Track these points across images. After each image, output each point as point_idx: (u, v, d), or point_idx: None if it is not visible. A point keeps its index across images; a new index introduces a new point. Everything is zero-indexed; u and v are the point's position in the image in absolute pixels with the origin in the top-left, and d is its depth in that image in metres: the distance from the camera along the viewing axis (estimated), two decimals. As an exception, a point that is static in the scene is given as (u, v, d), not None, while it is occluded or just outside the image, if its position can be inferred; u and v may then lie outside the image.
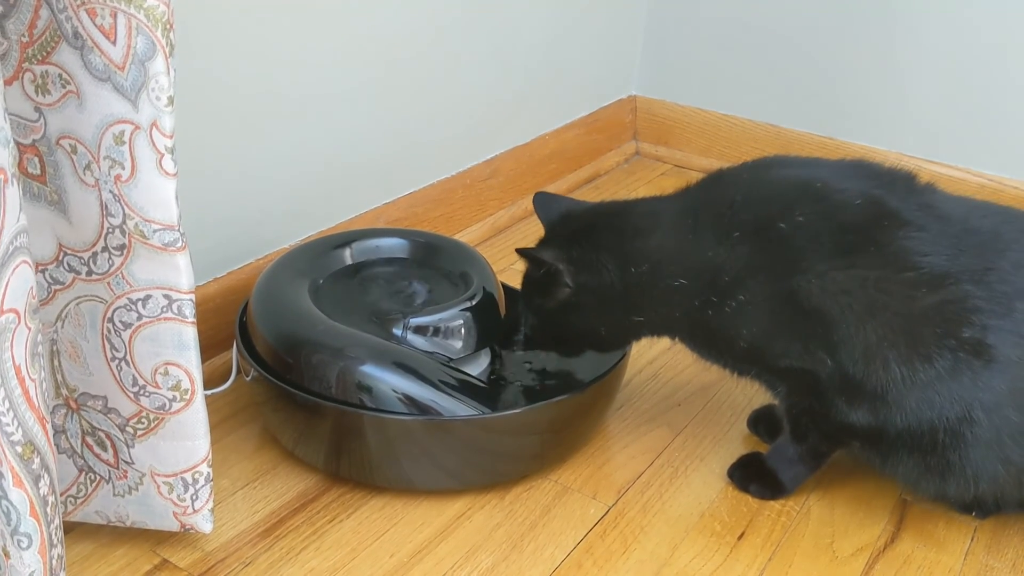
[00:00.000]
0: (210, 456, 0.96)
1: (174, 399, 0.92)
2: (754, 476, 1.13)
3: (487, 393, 1.08)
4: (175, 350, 0.90)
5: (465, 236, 1.65)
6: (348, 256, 1.22)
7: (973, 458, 0.98)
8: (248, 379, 1.12)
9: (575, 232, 1.10)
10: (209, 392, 1.18)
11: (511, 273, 1.55)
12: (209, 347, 1.25)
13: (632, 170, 2.01)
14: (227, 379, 1.22)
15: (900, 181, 1.03)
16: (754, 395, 1.21)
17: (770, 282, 0.99)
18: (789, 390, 1.06)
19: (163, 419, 0.93)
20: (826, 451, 1.10)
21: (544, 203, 1.16)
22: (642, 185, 1.94)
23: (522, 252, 1.08)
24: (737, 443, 1.21)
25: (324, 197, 1.40)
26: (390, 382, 1.04)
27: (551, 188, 1.84)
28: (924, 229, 0.98)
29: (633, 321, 1.07)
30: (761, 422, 1.21)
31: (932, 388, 0.96)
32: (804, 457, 1.10)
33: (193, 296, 0.89)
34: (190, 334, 0.90)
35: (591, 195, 1.88)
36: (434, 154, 1.59)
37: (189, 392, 0.92)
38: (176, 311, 0.88)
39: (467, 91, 1.61)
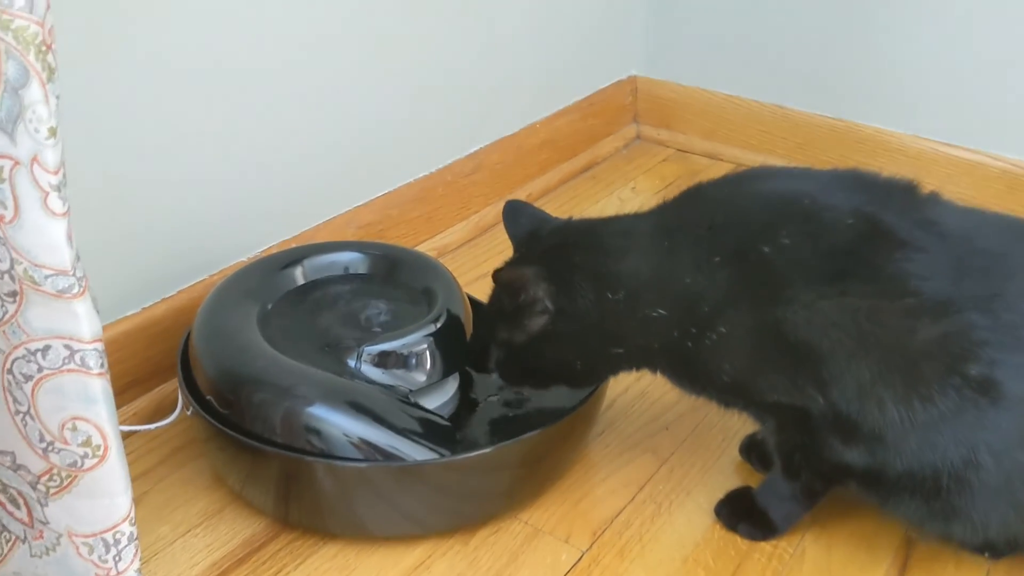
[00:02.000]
0: (132, 514, 0.87)
1: (86, 456, 0.83)
2: (743, 514, 1.03)
3: (450, 433, 0.99)
4: (82, 404, 0.81)
5: (448, 237, 1.55)
6: (300, 275, 1.13)
7: (980, 505, 0.88)
8: (189, 414, 1.03)
9: (548, 250, 1.00)
10: (155, 425, 1.09)
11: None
12: (157, 374, 1.17)
13: (632, 156, 1.89)
14: (175, 410, 1.13)
15: (898, 194, 0.92)
16: (748, 418, 1.11)
17: (753, 312, 0.89)
18: (779, 426, 0.96)
19: (76, 477, 0.84)
20: (821, 490, 0.99)
21: (514, 215, 1.06)
22: (642, 173, 1.83)
23: (496, 274, 0.98)
24: (728, 472, 1.11)
25: (287, 202, 1.31)
26: (341, 425, 0.95)
27: (543, 180, 1.73)
28: (923, 250, 0.87)
29: (611, 353, 0.97)
30: (754, 450, 1.11)
31: (934, 430, 0.86)
32: (797, 495, 1.00)
33: (99, 345, 0.80)
34: (97, 386, 0.81)
35: (588, 185, 1.77)
36: (411, 149, 1.48)
37: (102, 448, 0.83)
38: (79, 362, 0.79)
39: (447, 76, 1.50)
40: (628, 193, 1.74)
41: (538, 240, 1.02)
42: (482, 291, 1.44)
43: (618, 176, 1.81)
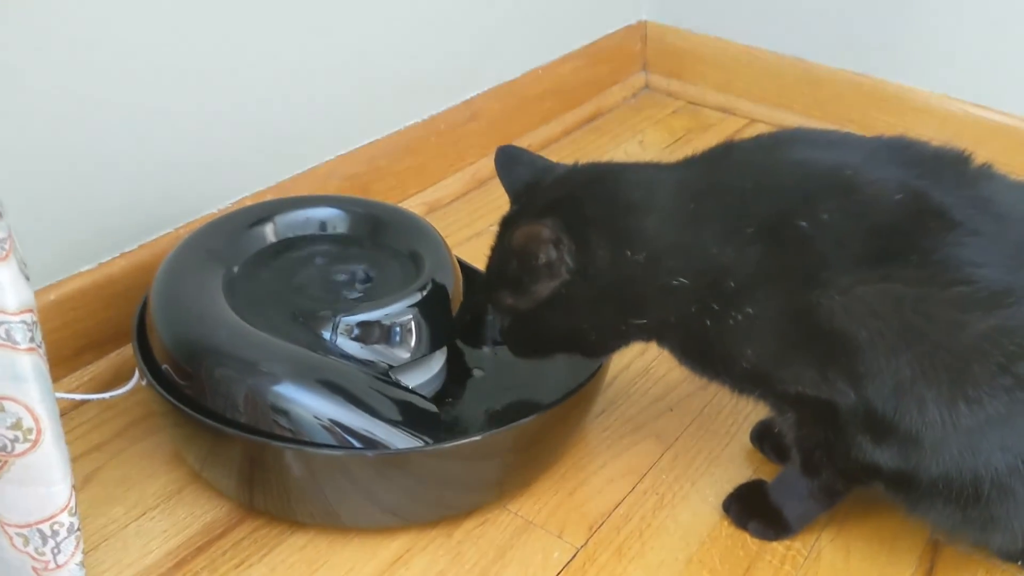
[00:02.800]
0: (73, 503, 0.78)
1: (16, 439, 0.73)
2: (754, 511, 0.94)
3: (435, 418, 0.89)
4: (9, 382, 0.71)
5: (440, 191, 1.44)
6: (270, 233, 1.01)
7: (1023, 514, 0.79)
8: (144, 385, 0.92)
9: (555, 201, 0.87)
10: (109, 395, 0.99)
11: (490, 236, 1.35)
12: (115, 337, 1.07)
13: (639, 107, 1.77)
14: (133, 377, 1.02)
15: (949, 167, 0.81)
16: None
17: (784, 294, 0.78)
18: (800, 419, 0.86)
19: (6, 462, 0.74)
20: (842, 489, 0.90)
21: (508, 162, 0.94)
22: (650, 125, 1.71)
23: (512, 235, 0.85)
24: (738, 461, 1.02)
25: (263, 148, 1.19)
26: (311, 406, 0.84)
27: (544, 131, 1.61)
28: (977, 232, 0.76)
29: (629, 323, 0.86)
30: (767, 438, 1.02)
31: (979, 434, 0.76)
32: (815, 493, 0.91)
33: (28, 316, 0.69)
34: (26, 363, 0.70)
35: (592, 137, 1.66)
36: (401, 94, 1.37)
37: (34, 432, 0.73)
38: (4, 336, 0.69)
39: (442, 15, 1.38)
40: (635, 147, 1.63)
41: (542, 189, 0.90)
42: (477, 251, 1.34)
43: (625, 128, 1.69)
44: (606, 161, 0.92)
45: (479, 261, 1.27)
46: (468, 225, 1.39)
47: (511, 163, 0.95)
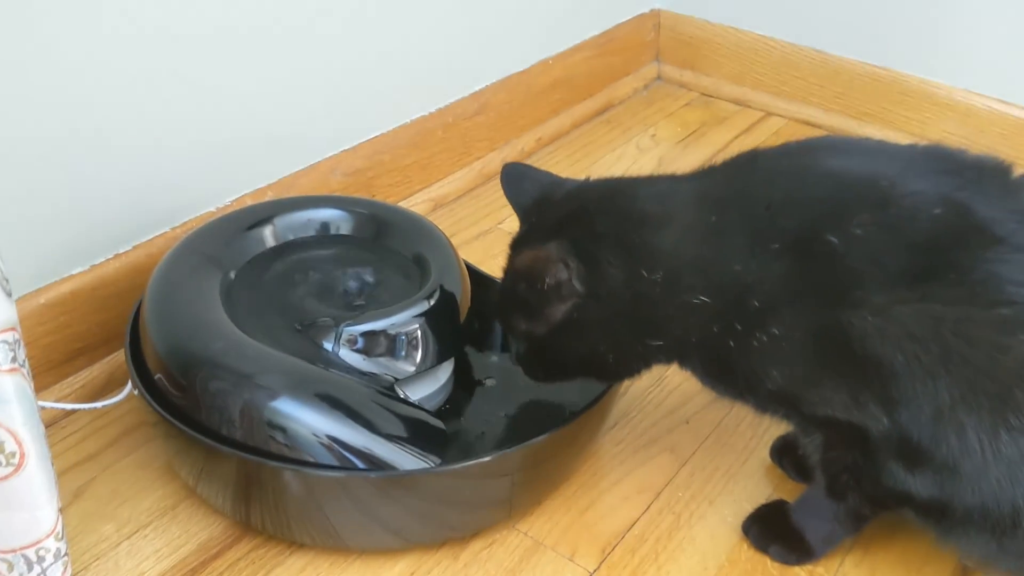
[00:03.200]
0: (59, 527, 0.74)
1: (-1, 463, 0.69)
2: (776, 534, 0.90)
3: (441, 436, 0.85)
4: (-9, 405, 0.67)
5: (446, 186, 1.39)
6: (270, 236, 0.97)
7: (1066, 546, 0.74)
8: (137, 395, 0.88)
9: (565, 218, 0.83)
10: (101, 404, 0.95)
11: (499, 235, 1.30)
12: (108, 341, 1.03)
13: (652, 99, 1.72)
14: (127, 385, 0.98)
15: (990, 178, 0.76)
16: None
17: (813, 314, 0.74)
18: (827, 442, 0.82)
19: (-12, 486, 0.70)
20: (869, 514, 0.86)
21: (515, 180, 0.90)
22: (663, 118, 1.66)
23: (512, 264, 0.83)
24: (756, 478, 0.97)
25: (263, 144, 1.15)
26: (311, 423, 0.80)
27: (554, 123, 1.56)
28: (1022, 249, 0.71)
29: (647, 345, 0.82)
30: (788, 454, 0.97)
31: (1020, 463, 0.72)
32: (840, 517, 0.86)
33: (10, 335, 0.65)
34: (8, 384, 0.66)
35: (603, 130, 1.60)
36: (406, 86, 1.32)
37: (17, 456, 0.69)
38: (-15, 356, 0.65)
39: (448, 3, 1.33)
40: (647, 141, 1.58)
41: (550, 206, 0.86)
42: (484, 250, 1.30)
43: (636, 121, 1.64)
44: (619, 176, 0.88)
45: (487, 261, 1.24)
46: (475, 223, 1.34)
47: (518, 180, 0.90)
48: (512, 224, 0.90)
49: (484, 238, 1.31)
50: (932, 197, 0.73)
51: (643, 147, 1.56)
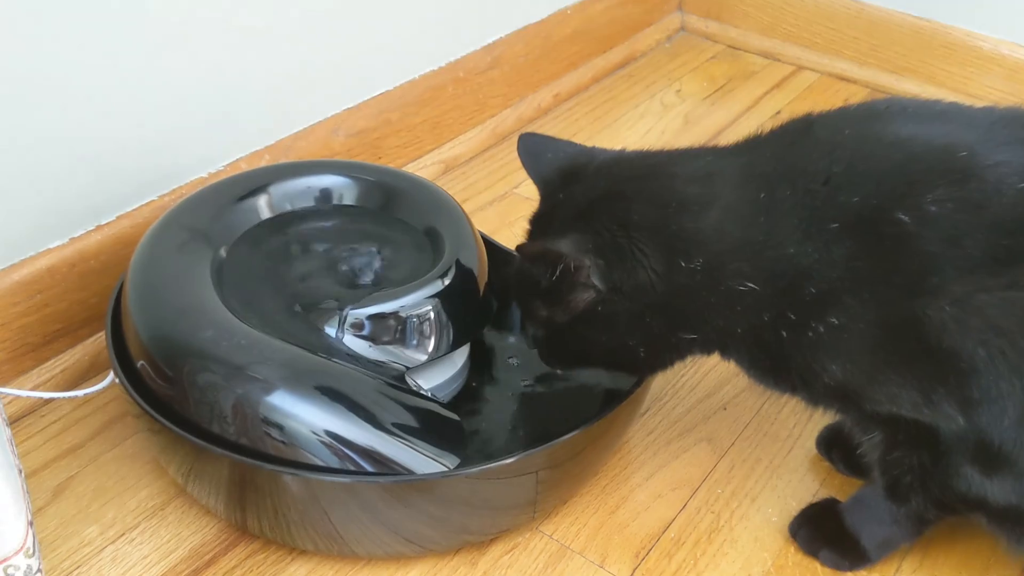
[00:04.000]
0: (30, 542, 0.65)
1: (-44, 475, 0.61)
2: (827, 537, 0.81)
3: (459, 432, 0.76)
4: (-57, 411, 0.58)
5: (457, 147, 1.29)
6: (265, 206, 0.87)
7: None
8: (118, 382, 0.79)
9: (593, 203, 0.73)
10: (82, 392, 0.86)
11: (514, 200, 1.21)
12: (91, 321, 0.95)
13: (675, 51, 1.61)
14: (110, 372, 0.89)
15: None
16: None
17: (880, 303, 0.65)
18: (890, 441, 0.73)
19: (-55, 500, 0.62)
20: (932, 519, 0.77)
21: (533, 149, 0.80)
22: (687, 72, 1.55)
23: (521, 250, 0.74)
24: (801, 471, 0.89)
25: (259, 102, 1.05)
26: (311, 420, 0.72)
27: (572, 77, 1.46)
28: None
29: (680, 339, 0.73)
30: (837, 445, 0.89)
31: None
32: (900, 520, 0.78)
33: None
34: (-38, 389, 0.57)
35: (624, 85, 1.50)
36: (415, 38, 1.22)
37: (-23, 466, 0.60)
38: (-68, 358, 0.56)
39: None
40: (672, 97, 1.48)
41: (577, 182, 0.75)
42: (498, 217, 1.21)
43: (659, 75, 1.54)
44: (656, 151, 0.77)
45: (502, 230, 1.15)
46: (489, 187, 1.25)
47: (537, 149, 0.80)
48: (530, 189, 0.80)
49: (499, 204, 1.22)
50: (1018, 168, 0.64)
51: (667, 103, 1.46)
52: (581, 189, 0.74)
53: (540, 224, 0.76)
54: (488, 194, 1.23)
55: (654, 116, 1.43)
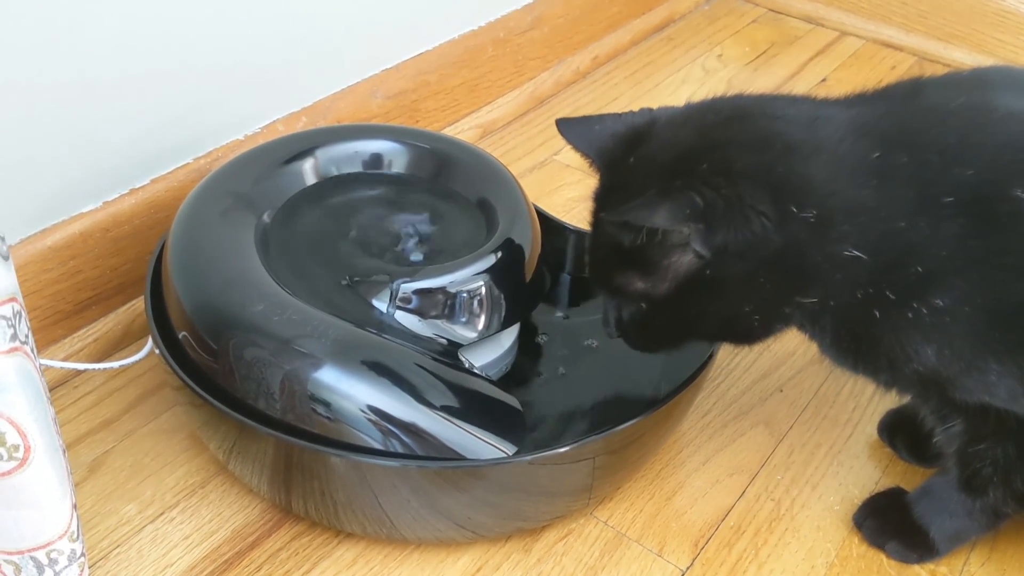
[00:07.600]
0: (74, 526, 0.62)
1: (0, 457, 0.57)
2: (894, 529, 0.78)
3: (519, 419, 0.72)
4: (-12, 391, 0.54)
5: (495, 111, 1.25)
6: (311, 171, 0.83)
7: None
8: (158, 354, 0.76)
9: (680, 159, 0.65)
10: (119, 363, 0.83)
11: (555, 168, 1.17)
12: (125, 288, 0.91)
13: (715, 14, 1.56)
14: (147, 340, 0.86)
15: None
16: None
17: (991, 287, 0.61)
18: (974, 431, 0.70)
19: (-13, 483, 0.58)
20: (1010, 513, 0.74)
21: (575, 128, 0.73)
22: (729, 36, 1.50)
23: (610, 218, 0.65)
24: (863, 457, 0.86)
25: (294, 63, 1.00)
26: (363, 399, 0.68)
27: (612, 39, 1.41)
28: None
29: (793, 303, 0.66)
30: (899, 432, 0.85)
31: None
32: (975, 513, 0.75)
33: (9, 307, 0.52)
34: (8, 367, 0.54)
35: (664, 49, 1.45)
36: (455, -2, 1.17)
37: (21, 448, 0.57)
38: (-22, 335, 0.52)
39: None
40: (714, 61, 1.43)
41: (646, 143, 0.68)
42: (540, 183, 1.16)
43: (700, 39, 1.49)
44: (743, 95, 0.71)
45: (543, 199, 1.10)
46: (529, 153, 1.21)
47: (579, 126, 0.73)
48: (571, 156, 0.74)
49: (539, 171, 1.18)
50: None
51: (709, 68, 1.42)
52: (656, 147, 0.67)
53: (611, 198, 0.69)
54: (528, 160, 1.19)
55: (696, 81, 1.38)
